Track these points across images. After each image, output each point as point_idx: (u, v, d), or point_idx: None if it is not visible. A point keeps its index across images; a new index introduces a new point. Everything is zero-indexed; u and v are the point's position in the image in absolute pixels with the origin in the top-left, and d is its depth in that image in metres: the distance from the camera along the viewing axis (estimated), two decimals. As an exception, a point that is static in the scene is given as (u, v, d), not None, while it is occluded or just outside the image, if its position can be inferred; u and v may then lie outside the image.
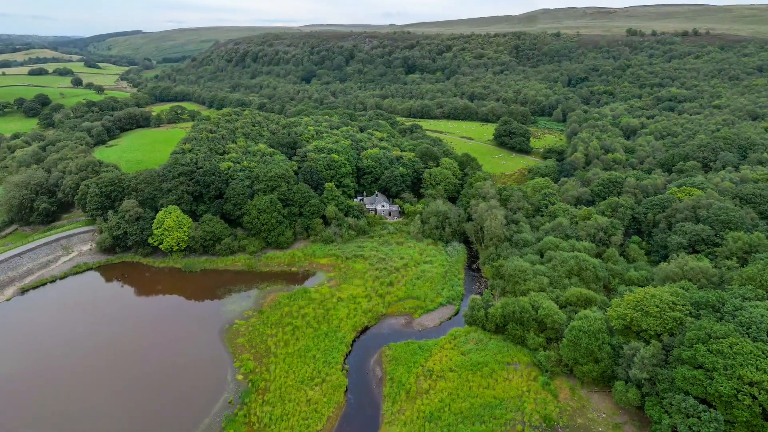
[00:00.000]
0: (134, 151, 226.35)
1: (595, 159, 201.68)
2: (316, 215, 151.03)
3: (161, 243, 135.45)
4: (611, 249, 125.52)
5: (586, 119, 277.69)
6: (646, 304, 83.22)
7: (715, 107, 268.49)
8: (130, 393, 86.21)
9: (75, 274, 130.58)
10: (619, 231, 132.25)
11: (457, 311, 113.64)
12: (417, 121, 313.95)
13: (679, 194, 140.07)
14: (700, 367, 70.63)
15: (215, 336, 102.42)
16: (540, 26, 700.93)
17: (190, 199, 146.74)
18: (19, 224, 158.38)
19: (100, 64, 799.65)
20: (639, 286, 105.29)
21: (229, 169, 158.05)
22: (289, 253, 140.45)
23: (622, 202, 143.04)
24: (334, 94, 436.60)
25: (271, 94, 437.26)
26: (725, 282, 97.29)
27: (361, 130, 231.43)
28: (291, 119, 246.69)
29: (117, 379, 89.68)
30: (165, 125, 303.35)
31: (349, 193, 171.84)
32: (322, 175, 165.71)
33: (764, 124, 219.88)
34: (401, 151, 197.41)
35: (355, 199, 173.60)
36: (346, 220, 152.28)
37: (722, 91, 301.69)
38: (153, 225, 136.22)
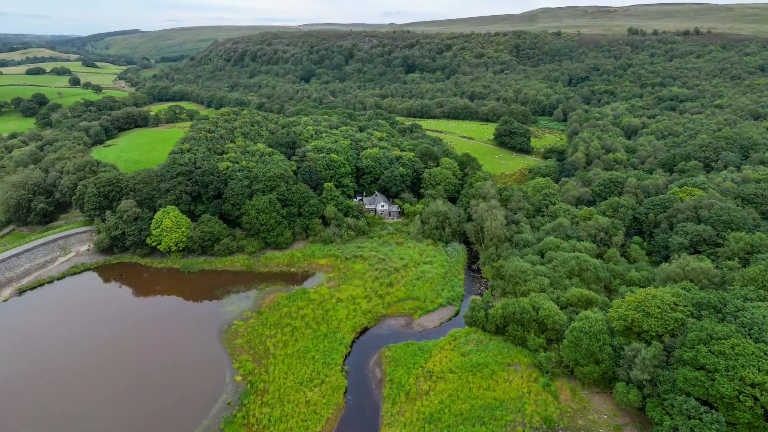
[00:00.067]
0: (132, 151, 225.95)
1: (596, 159, 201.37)
2: (315, 215, 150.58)
3: (159, 243, 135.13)
4: (612, 249, 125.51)
5: (587, 119, 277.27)
6: (648, 305, 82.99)
7: (716, 107, 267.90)
8: (128, 394, 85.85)
9: (73, 275, 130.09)
10: (620, 231, 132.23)
11: (457, 312, 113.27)
12: (417, 121, 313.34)
13: (681, 194, 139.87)
14: (701, 369, 70.51)
15: (214, 337, 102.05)
16: (540, 25, 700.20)
17: (189, 199, 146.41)
18: (16, 224, 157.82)
19: (98, 64, 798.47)
20: (640, 286, 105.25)
21: (227, 169, 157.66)
22: (288, 253, 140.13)
23: (623, 203, 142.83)
24: (333, 93, 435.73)
25: (270, 94, 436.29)
26: (727, 283, 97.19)
27: (361, 129, 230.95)
28: (290, 119, 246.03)
29: (115, 380, 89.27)
30: (163, 125, 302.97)
31: (348, 193, 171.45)
32: (321, 175, 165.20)
33: (766, 123, 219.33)
34: (401, 150, 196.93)
35: (355, 200, 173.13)
36: (345, 221, 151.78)
37: (724, 90, 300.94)
38: (151, 225, 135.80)
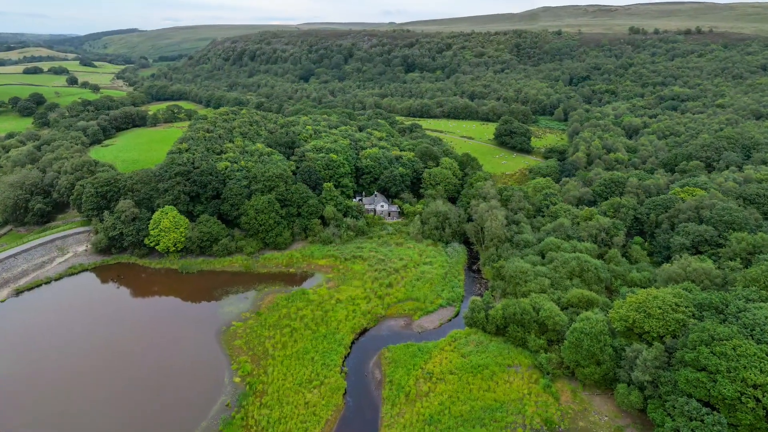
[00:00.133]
0: (130, 151, 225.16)
1: (597, 159, 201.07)
2: (314, 216, 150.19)
3: (158, 244, 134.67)
4: (613, 250, 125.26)
5: (588, 118, 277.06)
6: (649, 306, 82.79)
7: (718, 106, 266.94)
8: (126, 396, 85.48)
9: (70, 276, 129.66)
10: (622, 232, 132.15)
11: (457, 313, 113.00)
12: (417, 121, 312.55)
13: (682, 194, 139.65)
14: (703, 370, 70.39)
15: (212, 338, 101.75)
16: (541, 24, 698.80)
17: (187, 199, 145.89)
18: (13, 225, 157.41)
19: (96, 63, 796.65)
20: (641, 287, 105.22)
21: (226, 168, 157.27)
22: (287, 254, 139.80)
23: (625, 203, 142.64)
24: (332, 93, 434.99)
25: (269, 93, 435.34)
26: (729, 283, 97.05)
27: (360, 129, 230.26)
28: (289, 118, 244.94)
29: (113, 381, 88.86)
30: (161, 124, 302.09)
31: (347, 193, 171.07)
32: (320, 175, 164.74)
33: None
34: (401, 150, 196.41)
35: (354, 200, 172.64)
36: (344, 221, 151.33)
37: (726, 90, 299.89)
38: (149, 225, 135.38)
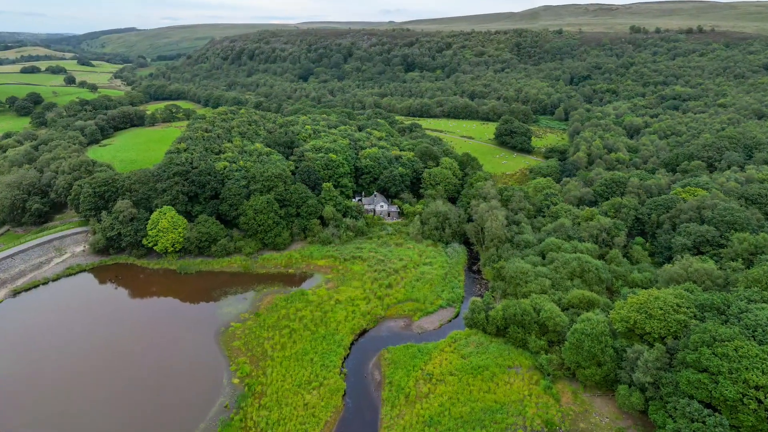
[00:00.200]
0: (128, 151, 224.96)
1: (598, 159, 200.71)
2: (313, 216, 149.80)
3: (156, 244, 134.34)
4: (614, 250, 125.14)
5: (589, 118, 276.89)
6: (650, 307, 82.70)
7: (720, 106, 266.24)
8: (124, 397, 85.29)
9: (68, 276, 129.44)
10: (623, 232, 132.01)
11: (457, 314, 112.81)
12: (416, 120, 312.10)
13: (684, 194, 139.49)
14: (704, 371, 70.31)
15: (211, 339, 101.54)
16: (542, 23, 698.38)
17: (186, 199, 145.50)
18: (10, 225, 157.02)
19: (94, 62, 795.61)
20: (642, 288, 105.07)
21: (225, 168, 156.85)
22: (286, 254, 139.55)
23: (626, 203, 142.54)
24: (332, 92, 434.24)
25: (268, 93, 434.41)
26: (730, 284, 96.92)
27: (360, 129, 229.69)
28: (288, 118, 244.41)
29: (111, 382, 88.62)
30: (160, 124, 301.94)
31: (347, 193, 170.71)
32: (319, 175, 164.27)
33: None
34: (400, 150, 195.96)
35: (354, 200, 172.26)
36: (344, 221, 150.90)
37: (727, 89, 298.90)
38: (147, 226, 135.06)
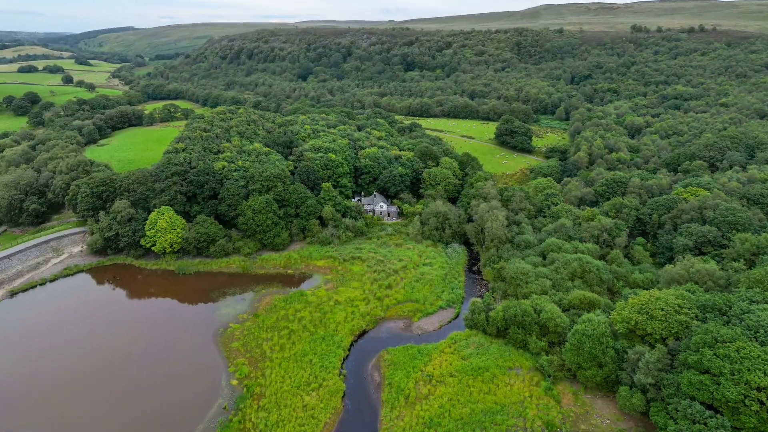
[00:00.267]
0: (126, 151, 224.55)
1: (599, 158, 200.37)
2: (312, 216, 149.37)
3: (154, 245, 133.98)
4: (615, 251, 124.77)
5: (590, 118, 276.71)
6: (651, 308, 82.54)
7: (721, 105, 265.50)
8: (122, 398, 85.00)
9: (65, 277, 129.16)
10: (624, 232, 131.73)
11: (457, 314, 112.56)
12: (416, 120, 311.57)
13: (685, 195, 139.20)
14: (706, 372, 70.14)
15: (209, 340, 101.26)
16: (542, 22, 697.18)
17: (184, 199, 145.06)
18: (8, 225, 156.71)
19: (91, 61, 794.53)
20: (644, 288, 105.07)
21: (223, 168, 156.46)
22: (285, 254, 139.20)
23: (627, 203, 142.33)
24: (331, 92, 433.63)
25: (267, 92, 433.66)
26: (732, 285, 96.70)
27: (359, 128, 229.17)
28: (287, 118, 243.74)
29: (108, 384, 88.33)
30: (158, 124, 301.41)
31: (346, 193, 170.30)
32: (318, 175, 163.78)
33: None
34: (400, 150, 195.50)
35: (353, 200, 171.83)
36: (343, 221, 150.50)
37: (729, 88, 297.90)
38: (145, 226, 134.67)
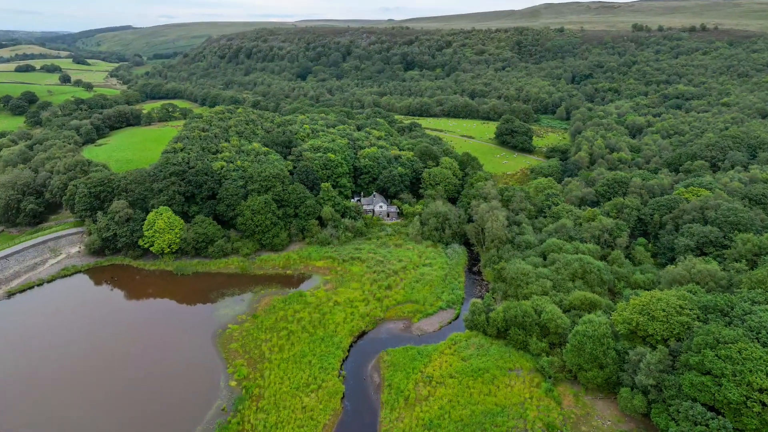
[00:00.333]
0: (124, 150, 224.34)
1: (600, 158, 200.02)
2: (311, 216, 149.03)
3: (152, 245, 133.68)
4: (616, 251, 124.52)
5: (591, 117, 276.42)
6: (653, 308, 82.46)
7: (723, 105, 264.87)
8: (119, 400, 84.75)
9: (63, 277, 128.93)
10: (625, 233, 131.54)
11: (457, 315, 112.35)
12: (416, 120, 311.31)
13: (687, 195, 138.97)
14: (708, 373, 70.01)
15: (208, 341, 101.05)
16: (543, 21, 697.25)
17: (182, 199, 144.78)
18: (5, 226, 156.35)
19: (89, 61, 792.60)
20: (645, 289, 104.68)
21: (222, 168, 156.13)
22: (283, 255, 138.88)
23: (628, 203, 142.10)
24: (330, 91, 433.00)
25: (266, 92, 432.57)
26: (734, 285, 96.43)
27: (359, 128, 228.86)
28: (286, 117, 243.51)
29: (106, 385, 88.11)
30: (156, 123, 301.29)
31: (345, 193, 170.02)
32: (318, 175, 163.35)
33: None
34: (400, 150, 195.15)
35: (352, 200, 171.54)
36: (342, 222, 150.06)
37: (731, 88, 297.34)
38: (143, 226, 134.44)
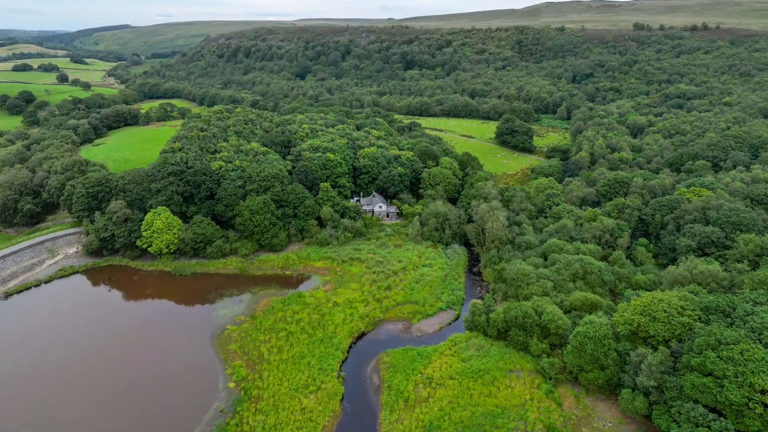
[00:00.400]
0: (122, 150, 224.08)
1: (601, 158, 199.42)
2: (310, 217, 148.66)
3: (150, 245, 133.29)
4: (617, 252, 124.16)
5: (592, 117, 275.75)
6: (654, 309, 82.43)
7: (725, 104, 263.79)
8: (117, 402, 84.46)
9: (61, 278, 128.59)
10: (626, 233, 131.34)
11: (457, 316, 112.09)
12: (416, 119, 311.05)
13: (688, 195, 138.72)
14: (709, 375, 69.99)
15: (206, 342, 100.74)
16: (543, 20, 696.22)
17: (180, 199, 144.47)
18: (2, 226, 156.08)
19: (87, 60, 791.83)
20: (646, 290, 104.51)
21: (220, 168, 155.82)
22: (282, 255, 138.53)
23: (629, 203, 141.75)
24: (329, 90, 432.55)
25: (264, 91, 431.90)
26: (736, 286, 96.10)
27: (358, 128, 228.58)
28: (285, 117, 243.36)
29: (104, 387, 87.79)
30: (154, 123, 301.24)
31: (345, 193, 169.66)
32: (317, 175, 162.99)
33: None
34: (399, 150, 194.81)
35: (352, 200, 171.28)
36: (342, 222, 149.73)
37: (733, 87, 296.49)
38: (141, 227, 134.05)
